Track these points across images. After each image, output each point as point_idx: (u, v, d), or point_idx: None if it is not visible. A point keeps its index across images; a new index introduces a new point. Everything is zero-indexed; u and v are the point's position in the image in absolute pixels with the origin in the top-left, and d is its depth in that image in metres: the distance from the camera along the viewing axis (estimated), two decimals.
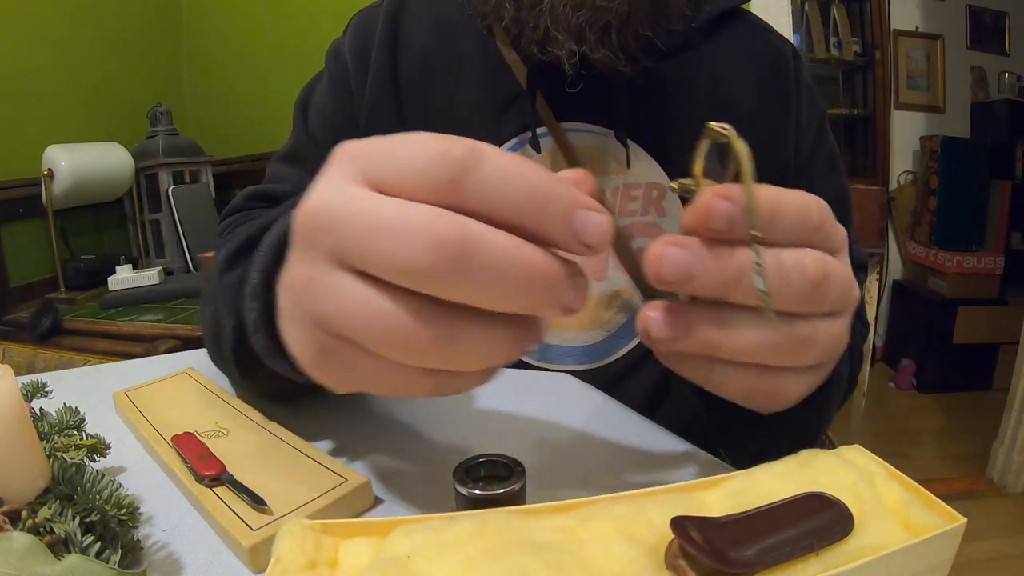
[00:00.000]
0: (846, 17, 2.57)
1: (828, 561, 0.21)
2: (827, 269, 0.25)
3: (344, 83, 0.56)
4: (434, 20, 0.54)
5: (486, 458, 0.31)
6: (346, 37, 0.58)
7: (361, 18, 0.58)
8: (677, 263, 0.24)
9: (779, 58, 0.54)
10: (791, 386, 0.28)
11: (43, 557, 0.22)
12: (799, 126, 0.55)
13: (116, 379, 0.50)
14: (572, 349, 0.56)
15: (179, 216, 1.68)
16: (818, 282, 0.25)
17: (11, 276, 1.54)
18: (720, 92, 0.53)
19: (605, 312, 0.55)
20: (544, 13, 0.45)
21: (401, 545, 0.23)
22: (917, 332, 2.49)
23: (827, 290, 0.26)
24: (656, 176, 0.52)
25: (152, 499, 0.33)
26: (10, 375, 0.27)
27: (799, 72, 0.55)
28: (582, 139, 0.52)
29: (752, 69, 0.54)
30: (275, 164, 0.61)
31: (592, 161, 0.52)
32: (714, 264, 0.24)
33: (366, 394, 0.47)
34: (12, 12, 1.54)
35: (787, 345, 0.26)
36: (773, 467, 0.26)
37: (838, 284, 0.26)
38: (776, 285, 0.24)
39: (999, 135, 2.50)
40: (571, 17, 0.45)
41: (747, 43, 0.54)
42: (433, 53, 0.54)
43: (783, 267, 0.25)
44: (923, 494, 0.24)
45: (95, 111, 1.79)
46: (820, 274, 0.25)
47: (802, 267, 0.25)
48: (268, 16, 1.99)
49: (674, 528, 0.21)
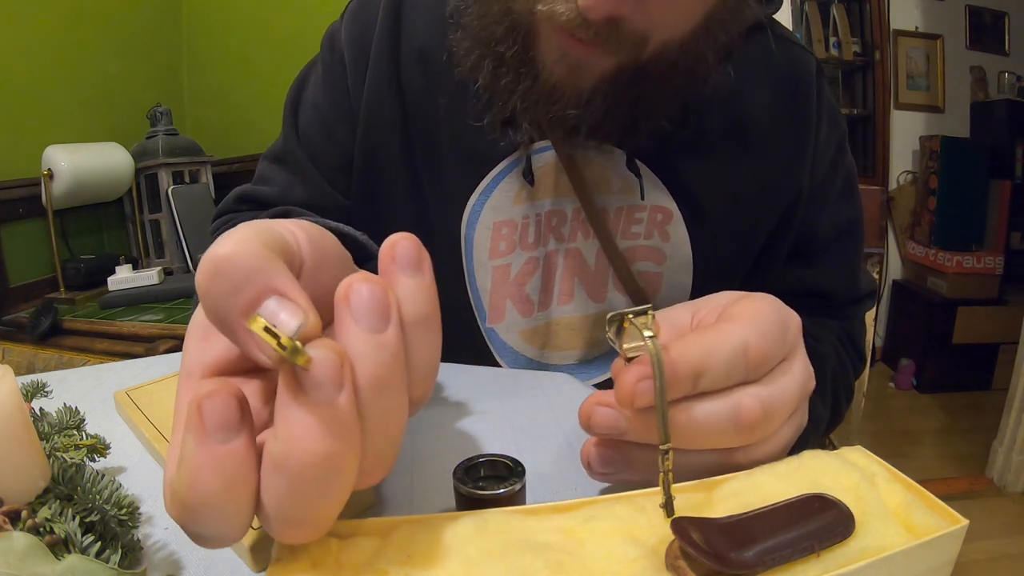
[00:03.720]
0: (846, 17, 2.57)
1: (829, 562, 0.21)
2: (766, 406, 0.26)
3: (340, 76, 0.54)
4: (434, 17, 0.51)
5: (486, 458, 0.31)
6: (343, 23, 0.55)
7: (359, 4, 0.55)
8: (607, 421, 0.27)
9: (800, 76, 0.51)
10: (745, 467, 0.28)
11: (43, 557, 0.22)
12: (816, 148, 0.52)
13: (116, 379, 0.50)
14: (569, 367, 0.55)
15: (179, 216, 1.68)
16: (755, 423, 0.26)
17: (11, 276, 1.54)
18: (736, 110, 0.50)
19: (602, 332, 0.54)
20: (516, 96, 0.43)
21: (402, 545, 0.23)
22: (917, 332, 2.49)
23: (767, 425, 0.27)
24: (662, 200, 0.50)
25: (152, 499, 0.33)
26: (10, 375, 0.27)
27: (821, 91, 0.52)
28: (588, 157, 0.50)
29: (770, 87, 0.50)
30: (264, 163, 0.59)
31: (595, 180, 0.50)
32: (639, 422, 0.26)
33: None
34: (12, 12, 1.54)
35: (727, 465, 0.27)
36: (774, 468, 0.26)
37: (784, 408, 0.27)
38: (710, 439, 0.26)
39: (999, 135, 2.50)
40: (541, 111, 0.43)
41: (767, 59, 0.50)
42: (434, 53, 0.51)
43: (714, 419, 0.26)
44: (925, 495, 0.24)
45: (95, 111, 1.79)
46: (758, 415, 0.26)
47: (737, 414, 0.26)
48: (268, 16, 1.99)
49: (674, 529, 0.21)
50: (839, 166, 0.55)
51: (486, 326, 0.54)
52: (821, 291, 0.55)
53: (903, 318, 2.61)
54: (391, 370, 0.18)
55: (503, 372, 0.50)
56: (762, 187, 0.51)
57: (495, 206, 0.51)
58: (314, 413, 0.17)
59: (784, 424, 0.28)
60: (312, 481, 0.17)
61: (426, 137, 0.52)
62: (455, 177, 0.52)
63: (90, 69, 1.77)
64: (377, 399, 0.18)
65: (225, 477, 0.17)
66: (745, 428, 0.26)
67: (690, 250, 0.51)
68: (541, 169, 0.50)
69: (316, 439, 0.17)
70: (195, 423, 0.17)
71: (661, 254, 0.52)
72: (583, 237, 0.51)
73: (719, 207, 0.51)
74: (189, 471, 0.17)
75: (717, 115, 0.49)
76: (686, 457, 0.27)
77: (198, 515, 0.18)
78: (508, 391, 0.46)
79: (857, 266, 0.58)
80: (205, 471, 0.17)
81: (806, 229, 0.53)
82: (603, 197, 0.50)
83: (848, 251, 0.56)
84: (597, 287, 0.52)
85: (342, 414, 0.17)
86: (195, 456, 0.17)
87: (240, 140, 2.03)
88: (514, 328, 0.54)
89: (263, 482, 0.18)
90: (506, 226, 0.51)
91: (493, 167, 0.51)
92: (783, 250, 0.53)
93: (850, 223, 0.55)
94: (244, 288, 0.17)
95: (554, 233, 0.52)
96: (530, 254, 0.52)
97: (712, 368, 0.25)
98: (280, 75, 1.93)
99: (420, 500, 0.33)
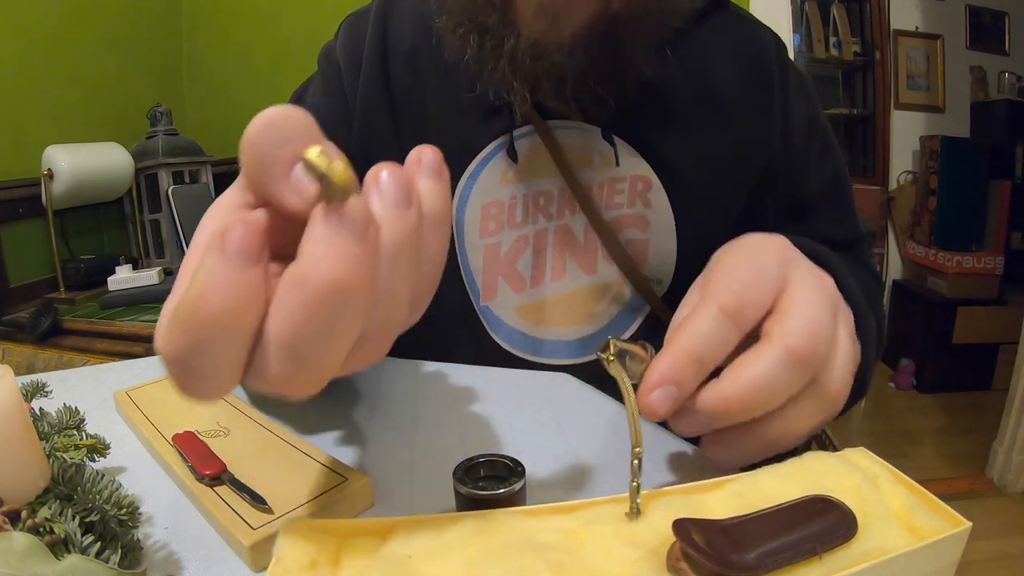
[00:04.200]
0: (846, 17, 2.57)
1: (831, 565, 0.21)
2: (804, 330, 0.27)
3: (337, 83, 0.58)
4: (421, 22, 0.55)
5: (486, 458, 0.31)
6: (337, 39, 0.59)
7: (351, 21, 0.60)
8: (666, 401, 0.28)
9: (762, 46, 0.55)
10: (792, 441, 0.30)
11: (43, 557, 0.22)
12: (787, 116, 0.55)
13: (116, 379, 0.50)
14: (564, 343, 0.56)
15: (179, 216, 1.68)
16: (809, 351, 0.27)
17: (11, 276, 1.54)
18: (703, 84, 0.53)
19: (596, 305, 0.55)
20: (503, 57, 0.46)
21: (402, 545, 0.23)
22: (917, 332, 2.48)
23: (818, 346, 0.28)
24: (641, 169, 0.53)
25: (152, 499, 0.33)
26: (10, 375, 0.27)
27: (783, 59, 0.56)
28: (569, 136, 0.53)
29: (735, 57, 0.54)
30: None
31: (577, 156, 0.53)
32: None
33: (366, 394, 0.47)
34: (12, 12, 1.53)
35: (766, 444, 0.29)
36: (777, 469, 0.26)
37: (820, 328, 0.28)
38: (769, 393, 0.27)
39: (999, 135, 2.49)
40: (529, 66, 0.46)
41: (730, 33, 0.55)
42: (421, 54, 0.55)
43: (764, 376, 0.27)
44: (927, 497, 0.24)
45: (95, 111, 1.79)
46: (806, 344, 0.27)
47: (788, 352, 0.27)
48: (268, 16, 1.99)
49: (676, 530, 0.21)
50: (814, 133, 0.58)
51: (480, 304, 0.56)
52: (823, 241, 0.57)
53: (903, 318, 2.60)
54: (408, 240, 0.20)
55: (503, 372, 0.50)
56: (734, 153, 0.54)
57: (483, 189, 0.54)
58: (340, 243, 0.18)
59: (839, 338, 0.29)
60: (325, 306, 0.18)
61: (416, 131, 0.56)
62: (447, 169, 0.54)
63: (90, 69, 1.76)
64: (391, 265, 0.20)
65: (236, 297, 0.18)
66: (802, 361, 0.27)
67: (672, 215, 0.54)
68: (524, 151, 0.53)
69: (337, 265, 0.18)
70: (217, 246, 0.18)
71: (645, 221, 0.54)
72: (570, 213, 0.54)
73: (695, 173, 0.54)
74: (201, 285, 0.18)
75: (685, 88, 0.53)
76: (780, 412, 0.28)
77: (198, 335, 0.18)
78: (508, 391, 0.46)
79: (850, 212, 0.61)
80: (218, 287, 0.18)
81: (794, 194, 0.57)
82: (586, 173, 0.53)
83: (838, 203, 0.60)
84: (588, 260, 0.54)
85: (363, 253, 0.18)
86: (211, 274, 0.18)
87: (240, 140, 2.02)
88: (508, 304, 0.56)
89: (276, 302, 0.19)
90: (494, 206, 0.54)
91: (479, 151, 0.54)
92: (767, 213, 0.57)
93: (834, 178, 0.59)
94: (295, 139, 0.20)
95: (543, 212, 0.54)
96: (519, 232, 0.54)
97: (704, 347, 0.28)
98: (280, 75, 1.95)
99: (420, 500, 0.33)
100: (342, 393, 0.47)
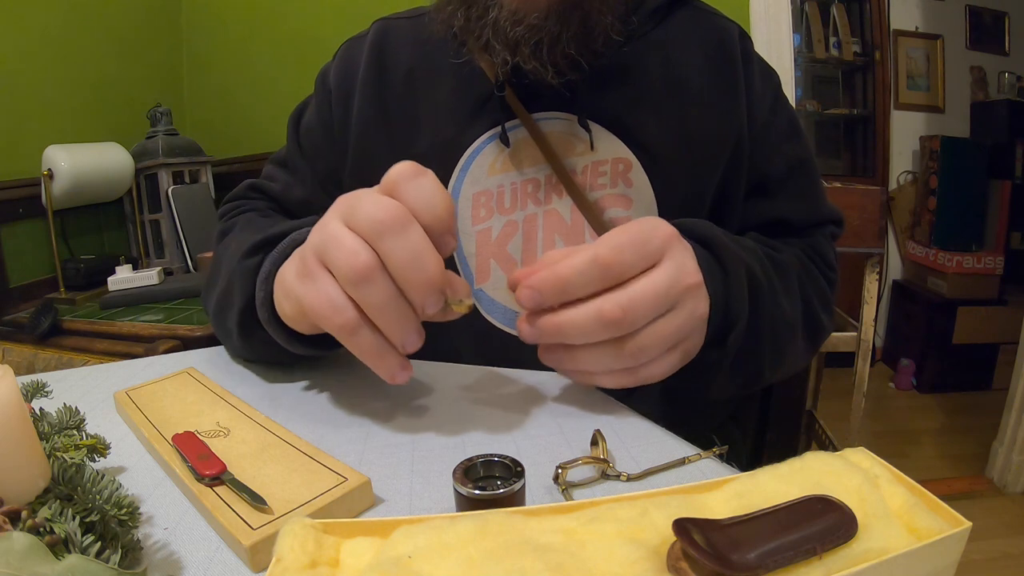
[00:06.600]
0: (846, 17, 2.57)
1: (831, 565, 0.21)
2: (624, 304, 0.37)
3: (326, 110, 0.65)
4: (416, 41, 0.62)
5: (486, 458, 0.31)
6: (333, 64, 0.66)
7: (347, 48, 0.67)
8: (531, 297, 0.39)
9: (724, 36, 0.60)
10: (651, 371, 0.40)
11: (43, 557, 0.22)
12: (751, 96, 0.59)
13: (116, 379, 0.50)
14: None
15: (179, 216, 1.68)
16: (618, 319, 0.37)
17: (11, 276, 1.54)
18: (672, 71, 0.58)
19: None
20: (488, 25, 0.52)
21: (402, 545, 0.23)
22: (917, 332, 2.49)
23: (634, 316, 0.37)
24: (620, 152, 0.57)
25: (152, 499, 0.33)
26: (10, 375, 0.27)
27: (746, 48, 0.61)
28: (552, 126, 0.58)
29: (699, 48, 0.59)
30: (270, 165, 0.71)
31: (561, 144, 0.58)
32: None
33: (367, 394, 0.47)
34: (12, 12, 1.53)
35: (621, 356, 0.39)
36: (777, 469, 0.26)
37: (645, 304, 0.37)
38: (583, 335, 0.38)
39: (999, 135, 2.50)
40: (509, 32, 0.52)
41: (694, 25, 0.60)
42: (416, 69, 0.61)
43: (580, 323, 0.38)
44: (928, 497, 0.24)
45: (95, 111, 1.79)
46: (618, 313, 0.37)
47: (600, 314, 0.37)
48: (268, 16, 1.98)
49: (676, 530, 0.21)
50: (778, 111, 0.62)
51: (475, 288, 0.59)
52: (782, 219, 0.63)
53: (903, 318, 2.61)
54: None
55: (503, 372, 0.50)
56: (705, 130, 0.58)
57: (473, 180, 0.59)
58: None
59: (667, 314, 0.39)
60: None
61: (409, 134, 0.61)
62: (438, 165, 0.57)
63: (90, 69, 1.76)
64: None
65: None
66: (611, 324, 0.37)
67: (652, 192, 0.58)
68: (512, 143, 0.58)
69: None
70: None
71: (627, 200, 0.58)
72: (557, 197, 0.58)
73: (671, 152, 0.58)
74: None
75: (654, 76, 0.58)
76: (584, 350, 0.39)
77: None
78: (508, 391, 0.46)
79: (817, 197, 0.65)
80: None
81: (759, 168, 0.61)
82: (570, 159, 0.58)
83: (803, 184, 0.63)
84: (575, 240, 0.58)
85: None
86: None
87: (240, 140, 2.02)
88: (500, 285, 0.59)
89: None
90: (484, 195, 0.59)
91: (469, 146, 0.59)
92: (740, 188, 0.61)
93: (800, 160, 0.63)
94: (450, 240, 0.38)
95: (532, 199, 0.58)
96: (508, 217, 0.58)
97: (569, 280, 0.37)
98: (280, 75, 1.95)
99: (420, 500, 0.33)
100: (343, 393, 0.47)
